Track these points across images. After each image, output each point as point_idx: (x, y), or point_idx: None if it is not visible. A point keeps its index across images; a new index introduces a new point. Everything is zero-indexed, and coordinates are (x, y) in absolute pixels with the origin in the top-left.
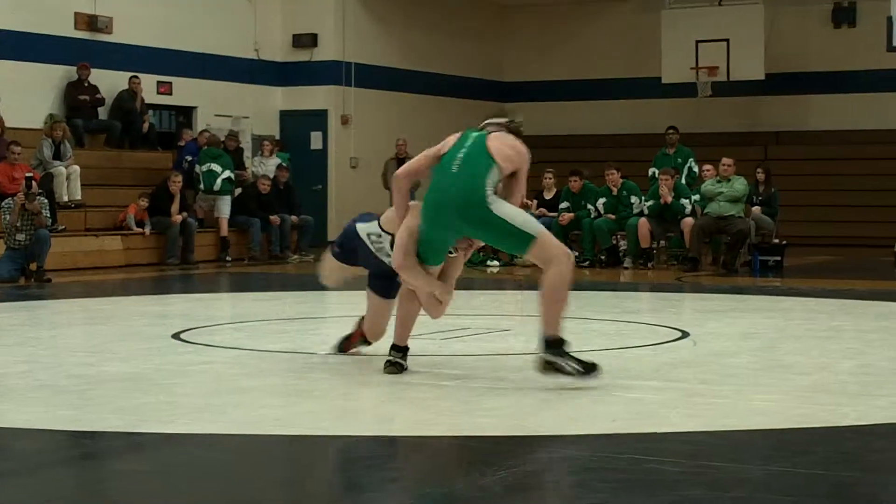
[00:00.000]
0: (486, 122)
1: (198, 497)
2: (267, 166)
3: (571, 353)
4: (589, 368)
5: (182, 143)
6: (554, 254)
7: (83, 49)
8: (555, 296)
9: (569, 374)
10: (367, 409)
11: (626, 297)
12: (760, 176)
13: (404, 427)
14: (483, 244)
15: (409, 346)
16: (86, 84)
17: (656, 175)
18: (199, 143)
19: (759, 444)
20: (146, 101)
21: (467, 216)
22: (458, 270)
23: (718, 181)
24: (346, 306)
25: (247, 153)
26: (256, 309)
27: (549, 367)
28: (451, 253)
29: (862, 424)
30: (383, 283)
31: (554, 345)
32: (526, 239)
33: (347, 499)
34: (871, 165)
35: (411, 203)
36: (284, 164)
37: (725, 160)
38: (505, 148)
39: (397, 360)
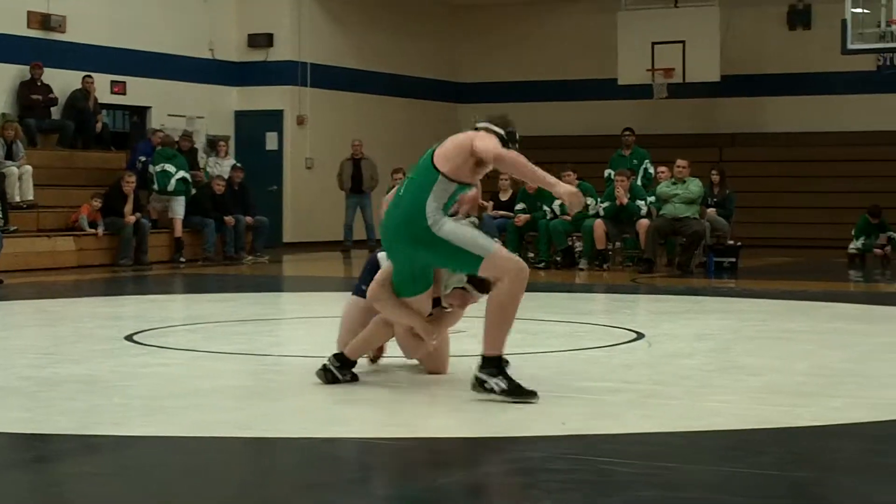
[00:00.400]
0: (476, 124)
1: (153, 499)
2: (222, 167)
3: (507, 373)
4: (518, 393)
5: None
6: (506, 268)
7: (36, 48)
8: (502, 316)
9: (494, 392)
10: (324, 410)
11: (581, 299)
12: (715, 177)
13: (361, 429)
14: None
15: (355, 366)
16: (39, 83)
17: (612, 176)
18: (152, 143)
19: (714, 445)
20: (99, 101)
21: (411, 241)
22: (453, 322)
23: (673, 183)
24: (301, 308)
25: (201, 153)
26: (211, 310)
27: (478, 385)
28: (445, 308)
29: (816, 425)
30: None
31: (490, 363)
32: (475, 260)
33: (304, 500)
34: (826, 167)
35: None
36: (239, 167)
37: (680, 162)
38: (448, 148)
39: (331, 369)
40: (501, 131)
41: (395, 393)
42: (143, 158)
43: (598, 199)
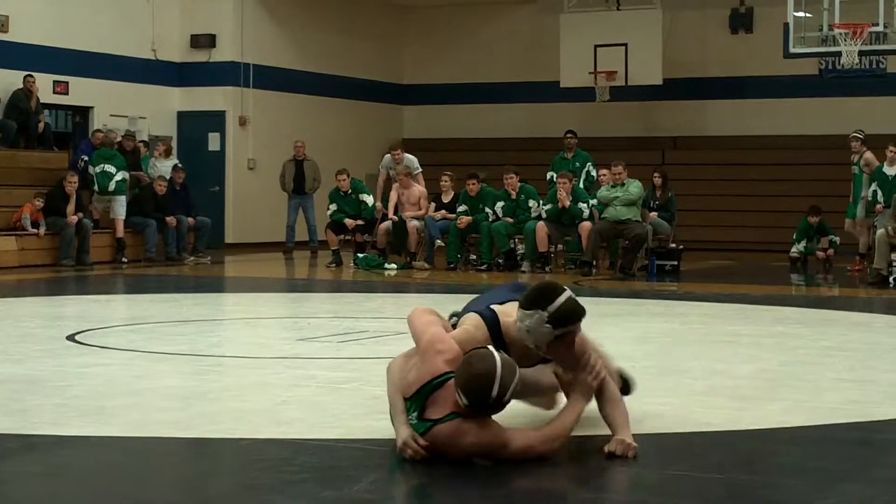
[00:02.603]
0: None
1: (92, 500)
2: (163, 167)
3: None
4: None
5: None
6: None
7: None
8: None
9: None
10: (264, 411)
11: None
12: (657, 180)
13: (301, 430)
14: None
15: None
16: None
17: (554, 179)
18: (93, 142)
19: (656, 448)
20: (42, 101)
21: None
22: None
23: (613, 186)
24: (242, 308)
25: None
26: (152, 311)
27: None
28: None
29: (757, 428)
30: None
31: None
32: None
33: (244, 501)
34: (768, 171)
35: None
36: (181, 168)
37: (615, 169)
38: None
39: None
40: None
41: (334, 395)
42: (85, 158)
43: (541, 202)
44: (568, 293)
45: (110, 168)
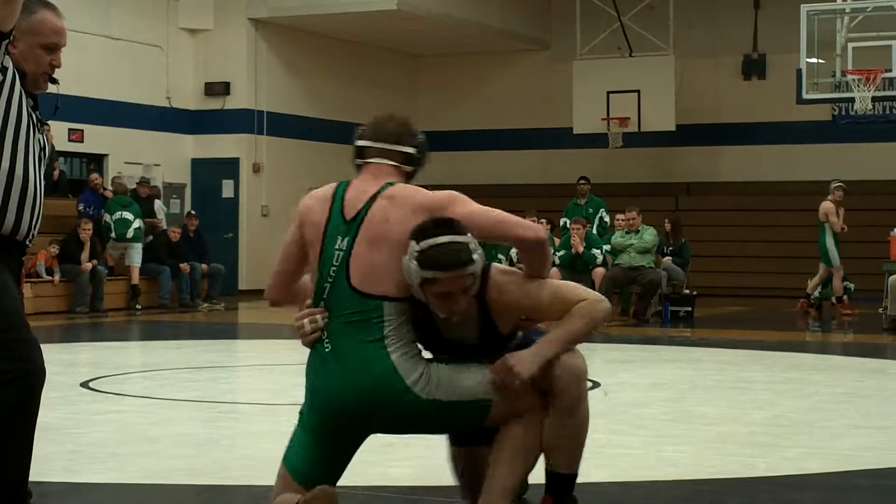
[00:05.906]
0: (363, 160)
1: None
2: (159, 208)
3: None
4: None
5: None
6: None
7: None
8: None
9: None
10: (278, 458)
11: None
12: (667, 226)
13: None
14: None
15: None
16: None
17: (568, 225)
18: (92, 187)
19: (671, 495)
20: (57, 149)
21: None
22: None
23: (627, 233)
24: (255, 355)
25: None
26: (166, 357)
27: None
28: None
29: (772, 475)
30: None
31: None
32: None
33: None
34: (781, 216)
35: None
36: (185, 212)
37: (629, 214)
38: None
39: None
40: (411, 150)
41: None
42: (90, 207)
43: (555, 248)
44: (451, 237)
45: (128, 215)
